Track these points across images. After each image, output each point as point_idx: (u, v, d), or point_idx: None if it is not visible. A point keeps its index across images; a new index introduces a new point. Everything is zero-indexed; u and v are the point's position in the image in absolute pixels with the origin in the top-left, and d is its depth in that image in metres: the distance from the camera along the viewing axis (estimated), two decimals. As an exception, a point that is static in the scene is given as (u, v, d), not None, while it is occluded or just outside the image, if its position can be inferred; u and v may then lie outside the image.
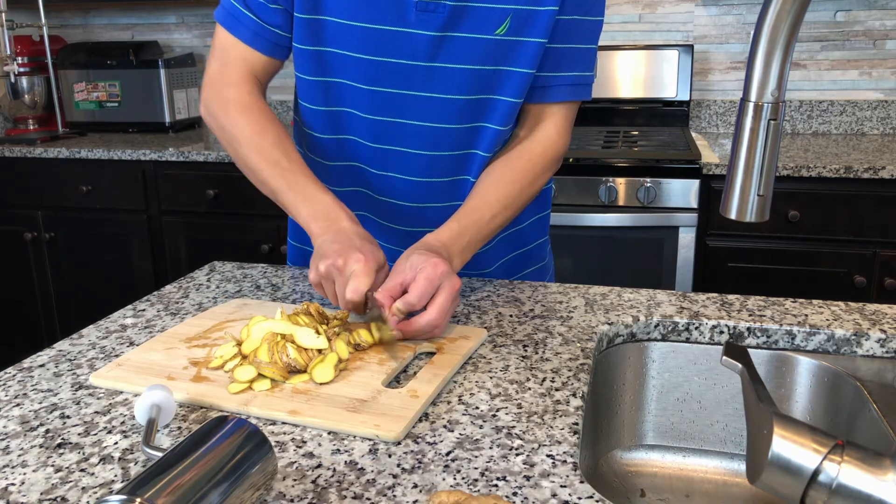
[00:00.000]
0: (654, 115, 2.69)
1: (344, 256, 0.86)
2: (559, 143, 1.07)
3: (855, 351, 0.89)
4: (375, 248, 0.89)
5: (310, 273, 0.90)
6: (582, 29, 1.03)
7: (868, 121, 2.62)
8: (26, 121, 3.05)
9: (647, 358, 0.94)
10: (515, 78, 1.01)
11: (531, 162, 1.04)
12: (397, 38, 0.98)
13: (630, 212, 2.18)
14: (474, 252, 0.98)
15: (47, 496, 0.60)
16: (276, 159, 0.99)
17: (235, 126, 1.02)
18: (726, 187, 0.61)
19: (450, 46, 0.99)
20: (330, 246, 0.89)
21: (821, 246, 2.14)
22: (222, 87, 1.05)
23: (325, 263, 0.87)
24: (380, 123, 1.04)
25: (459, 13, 0.97)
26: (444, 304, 0.85)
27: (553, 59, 1.03)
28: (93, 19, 3.23)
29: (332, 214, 0.94)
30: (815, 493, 0.52)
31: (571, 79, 1.05)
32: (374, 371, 0.79)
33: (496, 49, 0.99)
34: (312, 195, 0.96)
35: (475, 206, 1.00)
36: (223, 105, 1.04)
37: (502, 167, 1.04)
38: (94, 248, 2.72)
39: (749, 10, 2.64)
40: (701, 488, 0.91)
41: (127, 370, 0.80)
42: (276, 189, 0.99)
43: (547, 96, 1.05)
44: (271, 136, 1.01)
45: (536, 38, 0.99)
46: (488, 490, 0.60)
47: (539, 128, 1.06)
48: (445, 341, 0.86)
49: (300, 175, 0.98)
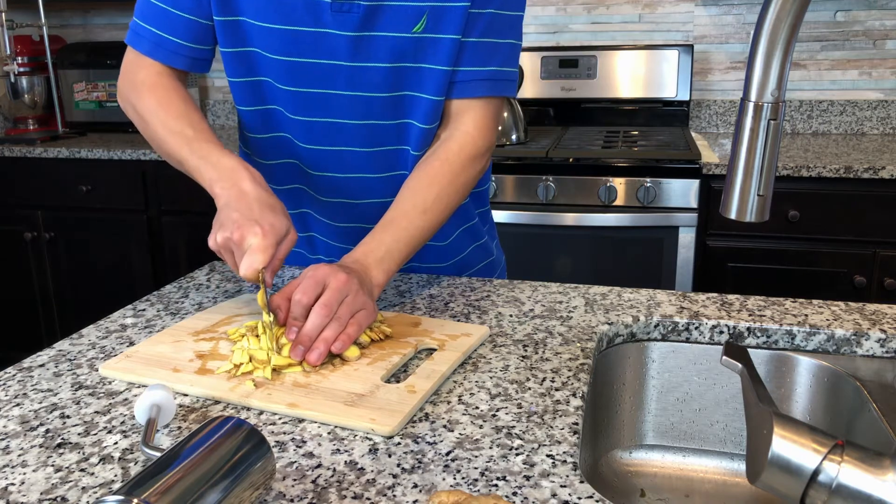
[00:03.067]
0: (654, 115, 2.69)
1: (241, 229, 0.84)
2: (478, 140, 1.04)
3: (855, 351, 0.89)
4: (277, 217, 0.86)
5: (209, 240, 0.88)
6: (497, 23, 1.01)
7: (868, 121, 2.62)
8: (26, 121, 3.05)
9: (646, 358, 0.94)
10: (434, 75, 1.01)
11: (447, 162, 1.02)
12: (315, 39, 0.99)
13: (630, 212, 2.18)
14: (399, 261, 0.95)
15: (47, 496, 0.60)
16: (180, 129, 0.98)
17: (143, 103, 1.02)
18: (726, 187, 0.61)
19: (368, 45, 0.99)
20: (229, 214, 0.86)
21: (821, 246, 2.14)
22: (134, 72, 1.05)
23: (222, 235, 0.85)
24: (308, 123, 1.04)
25: (375, 12, 0.97)
26: (327, 299, 0.81)
27: (468, 54, 1.01)
28: (93, 19, 3.23)
29: (234, 175, 0.91)
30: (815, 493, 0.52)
31: (488, 73, 1.03)
32: (374, 367, 0.80)
33: (414, 46, 0.99)
34: (216, 159, 0.94)
35: (391, 217, 0.98)
36: (134, 87, 1.04)
37: (418, 172, 1.02)
38: (94, 248, 2.72)
39: (749, 10, 2.64)
40: (701, 488, 0.91)
41: (135, 361, 0.82)
42: (182, 158, 0.98)
43: (464, 91, 1.03)
44: (176, 109, 1.00)
45: (451, 34, 0.99)
46: (488, 490, 0.60)
47: (457, 125, 1.05)
48: (447, 338, 0.86)
49: (203, 141, 0.97)
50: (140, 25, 1.03)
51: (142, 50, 1.04)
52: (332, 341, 0.80)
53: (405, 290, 1.06)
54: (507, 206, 2.25)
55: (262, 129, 1.09)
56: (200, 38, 1.03)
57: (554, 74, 2.71)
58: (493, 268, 1.27)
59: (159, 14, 1.02)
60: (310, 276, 0.84)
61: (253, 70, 1.04)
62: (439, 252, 1.17)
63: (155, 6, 1.02)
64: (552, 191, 2.21)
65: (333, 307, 0.82)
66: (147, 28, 1.03)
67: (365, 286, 0.86)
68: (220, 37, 1.02)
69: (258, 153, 1.12)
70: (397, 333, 0.88)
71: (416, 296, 1.04)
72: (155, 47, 1.03)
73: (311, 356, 0.79)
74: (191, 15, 1.01)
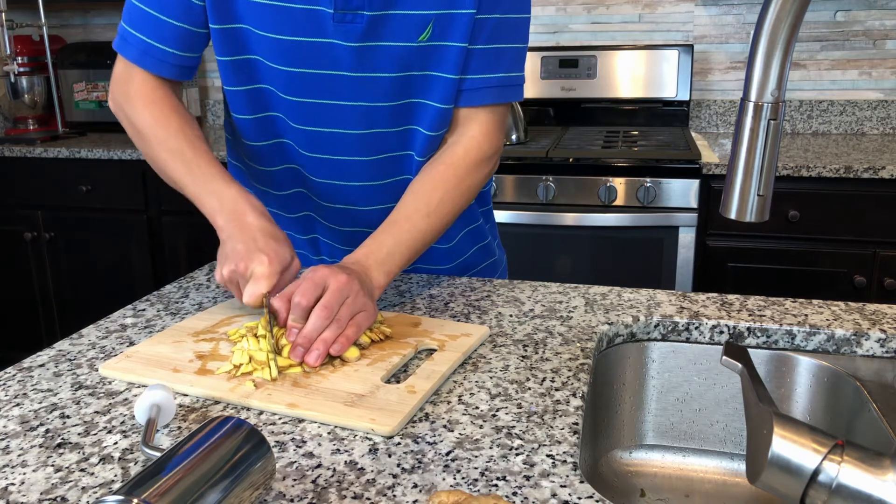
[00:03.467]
0: (654, 115, 2.69)
1: (246, 260, 0.85)
2: (484, 145, 1.04)
3: (855, 351, 0.89)
4: (281, 247, 0.87)
5: (216, 274, 0.90)
6: (503, 28, 1.00)
7: (868, 121, 2.62)
8: (26, 121, 3.05)
9: (646, 358, 0.94)
10: (441, 83, 1.00)
11: (452, 166, 1.02)
12: (317, 49, 0.97)
13: (630, 212, 2.18)
14: (401, 263, 0.95)
15: (47, 496, 0.60)
16: (178, 147, 0.97)
17: (139, 117, 1.01)
18: (726, 187, 0.61)
19: (372, 56, 0.97)
20: (234, 247, 0.87)
21: (821, 246, 2.14)
22: (126, 81, 1.03)
23: (227, 268, 0.86)
24: (309, 133, 1.03)
25: (379, 22, 0.96)
26: (327, 300, 0.81)
27: (475, 61, 1.01)
28: (93, 19, 3.23)
29: (237, 207, 0.91)
30: (815, 493, 0.52)
31: (495, 80, 1.02)
32: (374, 367, 0.80)
33: (420, 55, 0.98)
34: (217, 188, 0.94)
35: (394, 218, 0.98)
36: (126, 96, 1.02)
37: (423, 175, 1.02)
38: (93, 248, 2.72)
39: (749, 10, 2.64)
40: (701, 488, 0.91)
41: (135, 361, 0.82)
42: (182, 184, 0.97)
43: (472, 100, 1.03)
44: (174, 127, 0.99)
45: (458, 42, 0.98)
46: (488, 490, 0.60)
47: (463, 130, 1.04)
48: (447, 338, 0.86)
49: (204, 167, 0.96)
50: (127, 31, 1.01)
51: (129, 57, 1.02)
52: (331, 342, 0.80)
53: (405, 290, 1.06)
54: (507, 206, 2.25)
55: (262, 136, 1.07)
56: (189, 45, 1.01)
57: (554, 74, 2.71)
58: (495, 267, 1.27)
59: (147, 20, 0.99)
60: (309, 277, 0.84)
61: (253, 78, 1.02)
62: (442, 254, 1.16)
63: (143, 11, 0.99)
64: (552, 191, 2.21)
65: (334, 309, 0.82)
66: (134, 34, 1.00)
67: (365, 287, 0.86)
68: (217, 45, 1.00)
69: (257, 160, 1.11)
70: (397, 334, 0.88)
71: (416, 296, 1.04)
72: (142, 55, 1.00)
73: (310, 357, 0.79)
74: (180, 22, 0.99)
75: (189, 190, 0.97)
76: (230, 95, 1.04)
